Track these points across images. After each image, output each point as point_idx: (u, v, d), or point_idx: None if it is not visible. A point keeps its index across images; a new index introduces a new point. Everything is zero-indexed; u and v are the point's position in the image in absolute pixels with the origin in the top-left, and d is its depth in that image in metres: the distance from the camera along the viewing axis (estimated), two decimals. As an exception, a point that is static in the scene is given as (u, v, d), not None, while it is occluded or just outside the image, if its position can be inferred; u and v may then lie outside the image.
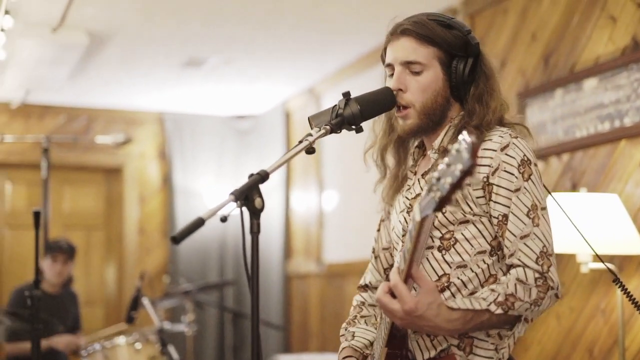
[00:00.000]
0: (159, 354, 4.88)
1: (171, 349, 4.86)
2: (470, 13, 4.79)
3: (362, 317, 2.30)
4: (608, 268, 2.45)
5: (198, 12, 5.11)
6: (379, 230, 2.36)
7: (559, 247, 3.34)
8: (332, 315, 6.55)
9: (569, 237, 3.13)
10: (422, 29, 2.07)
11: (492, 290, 1.93)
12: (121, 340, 4.87)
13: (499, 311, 1.89)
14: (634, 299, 2.71)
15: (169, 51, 5.91)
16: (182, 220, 7.54)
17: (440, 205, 1.60)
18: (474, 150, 1.52)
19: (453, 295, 2.00)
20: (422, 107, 2.08)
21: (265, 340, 7.18)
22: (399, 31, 2.11)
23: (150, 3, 4.95)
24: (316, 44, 5.79)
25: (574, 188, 3.94)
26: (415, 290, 1.95)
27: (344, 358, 2.22)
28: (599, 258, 2.31)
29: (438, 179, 1.60)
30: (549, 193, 2.11)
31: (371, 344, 2.22)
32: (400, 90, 2.09)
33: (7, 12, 4.45)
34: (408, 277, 1.85)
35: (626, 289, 2.63)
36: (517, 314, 1.93)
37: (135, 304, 4.98)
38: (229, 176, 7.79)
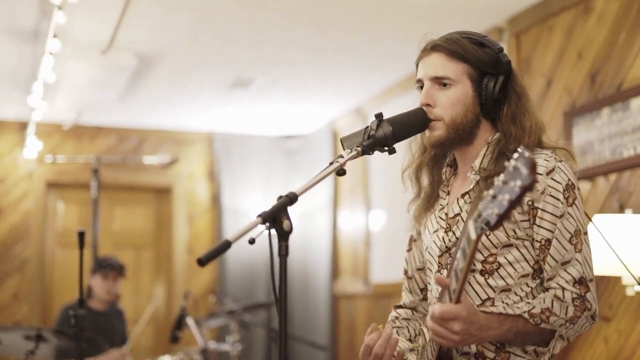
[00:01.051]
0: (203, 373, 4.90)
1: (215, 369, 4.87)
2: (515, 32, 4.74)
3: (394, 327, 2.30)
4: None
5: (245, 33, 5.15)
6: (409, 250, 2.35)
7: (603, 270, 3.29)
8: (379, 336, 6.49)
9: (613, 260, 3.06)
10: (452, 45, 2.08)
11: (528, 302, 1.95)
12: (166, 359, 4.90)
13: (532, 321, 1.91)
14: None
15: (217, 72, 5.97)
16: (231, 240, 7.56)
17: (498, 222, 1.59)
18: (532, 166, 1.52)
19: None
20: (452, 121, 2.07)
21: (312, 361, 7.16)
22: (430, 47, 2.13)
23: (198, 25, 5.01)
24: (363, 64, 5.79)
25: (621, 209, 3.86)
26: None
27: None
28: (636, 281, 2.25)
29: (494, 197, 1.58)
30: (590, 220, 2.08)
31: (402, 352, 2.20)
32: (429, 105, 2.09)
33: (55, 36, 4.53)
34: (460, 296, 1.84)
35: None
36: (551, 328, 1.94)
37: (180, 323, 5.00)
38: (277, 195, 7.76)
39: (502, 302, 2.00)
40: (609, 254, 2.92)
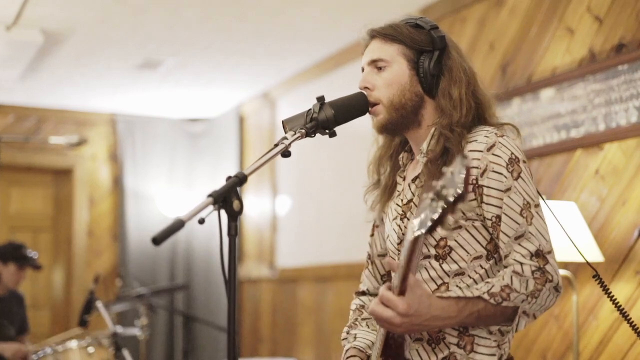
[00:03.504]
0: (112, 357, 4.82)
1: (125, 353, 4.80)
2: (428, 21, 4.83)
3: (362, 319, 2.27)
4: (594, 269, 2.49)
5: (157, 14, 5.06)
6: (372, 235, 2.33)
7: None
8: (284, 321, 6.55)
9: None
10: (387, 29, 2.12)
11: (487, 282, 1.92)
12: (73, 344, 4.80)
13: (492, 301, 1.87)
14: (615, 298, 2.76)
15: (125, 52, 5.85)
16: (133, 223, 7.48)
17: (433, 227, 1.58)
18: (467, 172, 1.52)
19: None
20: (390, 102, 2.09)
21: (216, 344, 7.15)
22: (369, 37, 2.17)
23: (108, 3, 4.90)
24: (273, 50, 5.79)
25: (530, 196, 4.01)
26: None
27: (347, 358, 2.17)
28: (588, 263, 2.33)
29: (432, 200, 1.58)
30: (540, 195, 2.09)
31: (374, 345, 2.17)
32: (367, 88, 2.11)
33: (-38, 9, 4.36)
34: (401, 293, 1.81)
35: (607, 289, 2.66)
36: (512, 305, 1.90)
37: (89, 307, 4.91)
38: (181, 179, 7.73)
39: (457, 286, 1.98)
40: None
